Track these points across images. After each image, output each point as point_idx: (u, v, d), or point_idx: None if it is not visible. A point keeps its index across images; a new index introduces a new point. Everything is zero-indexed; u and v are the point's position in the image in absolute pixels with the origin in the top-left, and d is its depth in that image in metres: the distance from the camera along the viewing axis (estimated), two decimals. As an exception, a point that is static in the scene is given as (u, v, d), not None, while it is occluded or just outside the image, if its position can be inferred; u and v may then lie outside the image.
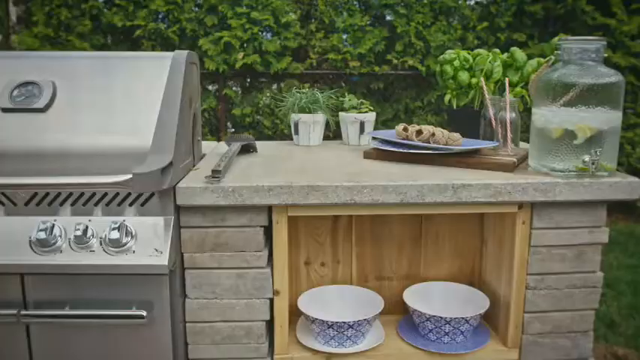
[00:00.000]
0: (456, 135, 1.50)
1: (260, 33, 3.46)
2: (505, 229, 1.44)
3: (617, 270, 3.19)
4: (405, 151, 1.48)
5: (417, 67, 3.52)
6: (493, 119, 1.57)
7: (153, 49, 3.50)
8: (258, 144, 1.74)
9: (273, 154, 1.65)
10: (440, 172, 1.39)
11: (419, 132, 1.54)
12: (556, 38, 1.64)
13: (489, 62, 1.69)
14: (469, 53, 1.75)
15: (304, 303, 1.47)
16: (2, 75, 1.34)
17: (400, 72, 3.59)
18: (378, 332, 1.48)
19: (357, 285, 1.61)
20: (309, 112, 1.78)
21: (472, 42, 3.51)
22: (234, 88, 3.60)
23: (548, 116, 1.36)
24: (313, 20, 3.58)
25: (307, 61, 3.56)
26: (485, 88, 1.58)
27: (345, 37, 3.51)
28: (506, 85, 1.54)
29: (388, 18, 3.60)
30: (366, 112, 1.83)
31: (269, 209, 1.32)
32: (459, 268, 1.65)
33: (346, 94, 1.85)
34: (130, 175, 1.15)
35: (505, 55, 1.71)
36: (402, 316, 1.60)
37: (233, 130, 3.63)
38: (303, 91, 1.81)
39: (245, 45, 3.50)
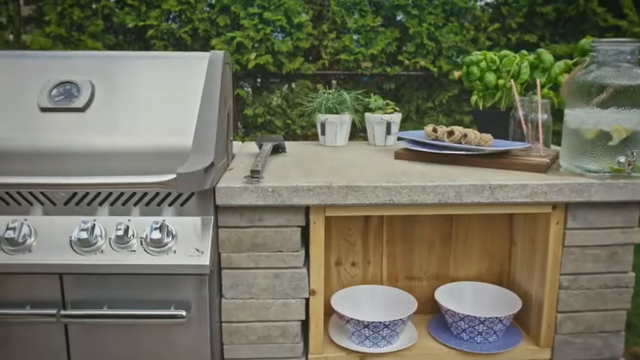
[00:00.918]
0: (488, 136, 1.51)
1: (272, 33, 3.47)
2: (537, 230, 1.45)
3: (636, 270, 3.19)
4: (438, 152, 1.49)
5: (429, 67, 3.53)
6: (523, 120, 1.58)
7: (165, 49, 3.50)
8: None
9: (302, 155, 1.65)
10: (474, 172, 1.40)
11: (450, 133, 1.55)
12: (584, 40, 1.65)
13: (516, 64, 1.70)
14: (496, 54, 1.76)
15: (337, 303, 1.48)
16: (39, 75, 1.34)
17: (412, 73, 3.60)
18: (411, 332, 1.49)
19: (387, 285, 1.61)
20: (336, 113, 1.78)
21: (483, 43, 3.52)
22: (245, 89, 3.60)
23: (583, 117, 1.36)
24: (325, 21, 3.59)
25: (319, 62, 3.57)
26: (515, 89, 1.59)
27: (356, 37, 3.52)
28: (538, 86, 1.54)
29: (399, 19, 3.61)
30: (392, 112, 1.84)
31: (306, 209, 1.33)
32: (487, 268, 1.66)
33: (372, 94, 1.86)
34: (174, 175, 1.15)
35: (532, 57, 1.71)
36: (431, 316, 1.61)
37: (244, 130, 3.64)
38: (330, 91, 1.81)
39: (257, 45, 3.50)
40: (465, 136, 1.51)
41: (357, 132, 3.26)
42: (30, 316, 1.26)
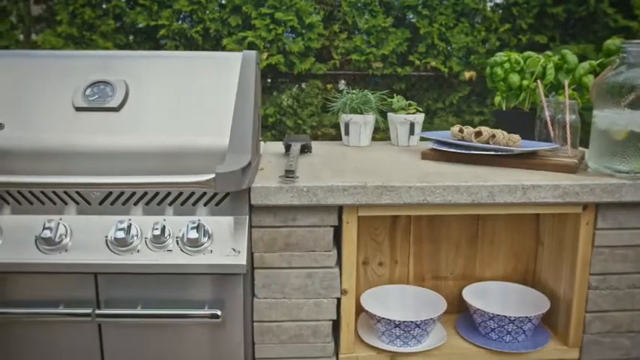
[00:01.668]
0: (516, 136, 1.51)
1: (283, 34, 3.47)
2: (566, 230, 1.46)
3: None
4: (467, 152, 1.49)
5: (440, 68, 3.54)
6: (549, 121, 1.58)
7: (176, 49, 3.50)
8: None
9: (328, 155, 1.66)
10: (504, 173, 1.41)
11: (478, 133, 1.55)
12: (609, 41, 1.66)
13: (541, 65, 1.71)
14: (520, 55, 1.76)
15: (366, 302, 1.48)
16: (73, 74, 1.34)
17: (422, 73, 3.60)
18: (440, 331, 1.49)
19: (413, 284, 1.62)
20: (360, 113, 1.79)
21: (494, 44, 3.53)
22: (256, 89, 3.60)
23: (613, 118, 1.37)
24: (336, 21, 3.59)
25: (330, 62, 3.57)
26: (541, 90, 1.59)
27: (366, 37, 3.53)
28: (566, 87, 1.55)
29: (410, 19, 3.62)
30: (414, 112, 1.85)
31: (339, 209, 1.33)
32: (513, 268, 1.67)
33: (395, 95, 1.86)
34: (213, 175, 1.15)
35: (556, 58, 1.72)
36: (457, 315, 1.61)
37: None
38: (354, 92, 1.82)
39: (269, 45, 3.50)
40: (493, 136, 1.51)
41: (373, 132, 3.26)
42: (65, 315, 1.26)
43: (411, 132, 1.83)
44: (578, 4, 3.46)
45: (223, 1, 3.51)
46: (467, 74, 3.52)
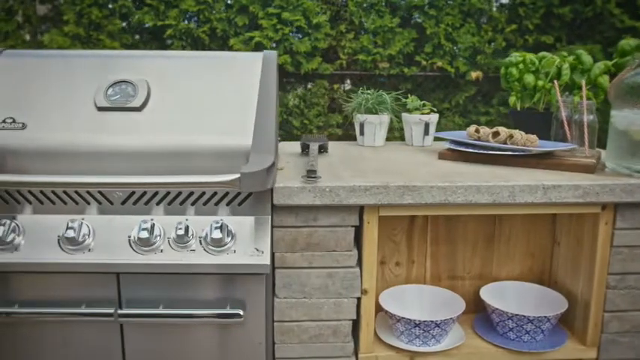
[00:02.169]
0: (533, 137, 1.52)
1: (290, 33, 3.47)
2: (584, 230, 1.46)
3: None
4: (486, 152, 1.50)
5: (447, 68, 3.54)
6: (566, 121, 1.59)
7: (183, 49, 3.50)
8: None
9: (345, 155, 1.66)
10: (523, 173, 1.41)
11: (495, 133, 1.56)
12: (624, 41, 1.67)
13: (556, 65, 1.71)
14: (535, 56, 1.77)
15: (385, 302, 1.48)
16: (95, 74, 1.34)
17: (429, 73, 3.61)
18: (458, 331, 1.50)
19: (430, 284, 1.62)
20: (375, 113, 1.79)
21: (500, 44, 3.53)
22: (262, 89, 3.59)
23: (632, 118, 1.38)
24: (343, 21, 3.59)
25: (337, 62, 3.57)
26: (558, 90, 1.60)
27: (373, 37, 3.53)
28: (583, 88, 1.55)
29: (417, 20, 3.62)
30: (428, 113, 1.85)
31: (360, 209, 1.33)
32: (529, 268, 1.67)
33: (409, 95, 1.87)
34: (238, 175, 1.15)
35: (571, 58, 1.73)
36: (473, 315, 1.61)
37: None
38: (369, 92, 1.82)
39: (276, 45, 3.50)
40: (511, 136, 1.52)
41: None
42: (88, 315, 1.26)
43: (426, 132, 1.83)
44: (584, 5, 3.47)
45: (230, 1, 3.51)
46: (473, 74, 3.52)
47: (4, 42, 3.36)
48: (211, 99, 1.32)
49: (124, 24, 3.53)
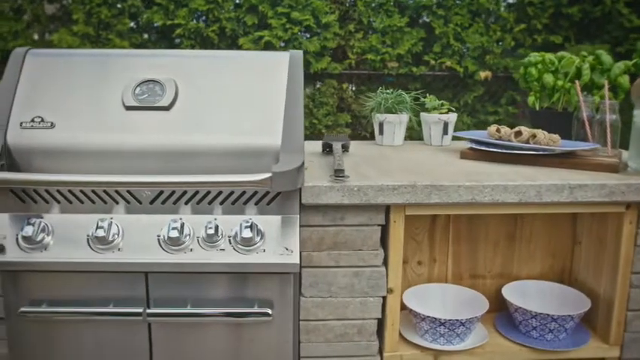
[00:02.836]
0: (556, 136, 1.52)
1: (300, 33, 3.48)
2: (607, 229, 1.47)
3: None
4: (510, 152, 1.50)
5: (455, 68, 3.55)
6: (587, 121, 1.59)
7: (192, 49, 3.50)
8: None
9: (366, 154, 1.66)
10: (547, 172, 1.42)
11: (518, 133, 1.56)
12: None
13: (576, 65, 1.72)
14: (554, 56, 1.77)
15: (408, 300, 1.49)
16: (122, 73, 1.34)
17: (437, 73, 3.62)
18: (481, 330, 1.50)
19: (451, 283, 1.63)
20: (395, 113, 1.80)
21: (509, 44, 3.55)
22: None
23: (656, 118, 1.38)
24: (352, 21, 3.60)
25: (346, 62, 3.58)
26: (579, 90, 1.60)
27: (382, 37, 3.53)
28: (606, 88, 1.56)
29: (425, 19, 3.63)
30: (447, 112, 1.85)
31: (387, 208, 1.34)
32: (549, 267, 1.68)
33: (427, 94, 1.87)
34: (270, 174, 1.16)
35: (591, 58, 1.73)
36: (494, 314, 1.62)
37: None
38: (388, 91, 1.82)
39: (284, 45, 3.51)
40: (534, 136, 1.52)
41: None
42: (117, 314, 1.26)
43: (445, 131, 1.83)
44: (593, 4, 3.48)
45: (239, 1, 3.52)
46: (482, 74, 3.54)
47: (14, 41, 3.36)
48: (239, 98, 1.32)
49: (132, 23, 3.54)
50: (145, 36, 3.62)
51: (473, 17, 3.54)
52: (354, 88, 3.66)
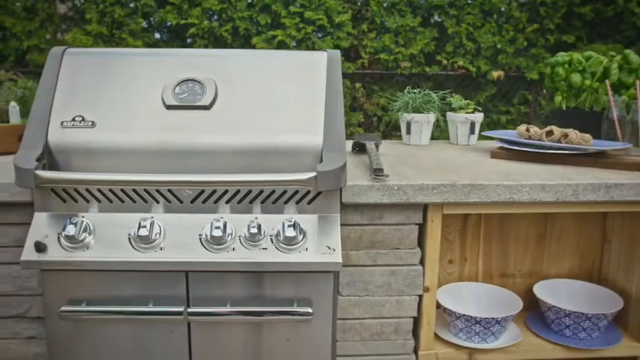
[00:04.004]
0: (588, 136, 1.53)
1: (313, 32, 3.48)
2: (639, 228, 1.48)
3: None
4: (541, 151, 1.51)
5: (468, 67, 3.56)
6: (617, 120, 1.60)
7: (206, 48, 3.51)
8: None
9: (397, 154, 1.67)
10: (580, 171, 1.42)
11: (549, 132, 1.57)
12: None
13: (604, 65, 1.73)
14: (582, 55, 1.78)
15: (443, 299, 1.49)
16: (161, 72, 1.34)
17: (450, 72, 3.63)
18: (514, 329, 1.51)
19: (482, 282, 1.64)
20: (422, 112, 1.80)
21: (521, 43, 3.56)
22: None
23: (691, 118, 1.39)
24: (364, 20, 3.60)
25: (359, 61, 3.58)
26: (610, 90, 1.61)
27: (394, 37, 3.54)
28: (638, 87, 1.57)
29: (437, 19, 3.64)
30: (472, 112, 1.86)
31: (424, 207, 1.34)
32: (579, 266, 1.68)
33: (453, 94, 1.88)
34: (315, 173, 1.16)
35: (619, 57, 1.74)
36: (523, 312, 1.62)
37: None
38: (415, 91, 1.83)
39: (297, 44, 3.51)
40: (566, 135, 1.53)
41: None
42: (158, 314, 1.26)
43: (471, 131, 1.84)
44: (605, 4, 3.49)
45: (252, 0, 3.52)
46: (495, 74, 3.55)
47: (28, 40, 3.36)
48: (278, 97, 1.33)
49: (144, 23, 3.54)
50: (157, 35, 3.62)
51: (485, 17, 3.54)
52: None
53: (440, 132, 1.92)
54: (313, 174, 1.16)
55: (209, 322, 1.30)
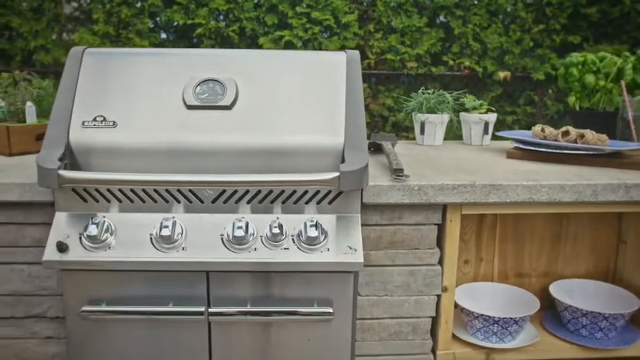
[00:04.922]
0: (604, 136, 1.54)
1: (320, 33, 3.48)
2: (656, 228, 1.48)
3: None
4: (558, 151, 1.51)
5: (474, 68, 3.57)
6: (632, 121, 1.61)
7: (213, 48, 3.51)
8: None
9: (412, 154, 1.67)
10: (597, 172, 1.43)
11: (565, 133, 1.57)
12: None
13: (618, 66, 1.73)
14: (595, 56, 1.79)
15: (460, 299, 1.50)
16: (180, 72, 1.34)
17: (456, 73, 3.63)
18: (531, 329, 1.51)
19: (497, 282, 1.64)
20: (436, 113, 1.81)
21: (527, 44, 3.56)
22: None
23: None
24: (371, 21, 3.61)
25: (365, 61, 3.58)
26: (625, 90, 1.62)
27: (401, 37, 3.54)
28: (653, 87, 1.57)
29: (442, 19, 3.64)
30: (486, 112, 1.86)
31: (443, 207, 1.35)
32: (594, 266, 1.69)
33: (467, 95, 1.88)
34: (337, 173, 1.16)
35: (633, 58, 1.75)
36: (538, 312, 1.63)
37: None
38: (429, 91, 1.83)
39: (304, 45, 3.51)
40: (582, 136, 1.54)
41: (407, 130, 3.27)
42: (179, 314, 1.26)
43: (485, 131, 1.84)
44: (612, 5, 3.50)
45: (259, 1, 3.52)
46: (501, 74, 3.55)
47: (35, 40, 3.36)
48: (299, 97, 1.33)
49: (150, 23, 3.54)
50: (164, 35, 3.62)
51: (491, 17, 3.55)
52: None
53: (450, 132, 1.92)
54: (336, 174, 1.16)
55: (230, 322, 1.30)
